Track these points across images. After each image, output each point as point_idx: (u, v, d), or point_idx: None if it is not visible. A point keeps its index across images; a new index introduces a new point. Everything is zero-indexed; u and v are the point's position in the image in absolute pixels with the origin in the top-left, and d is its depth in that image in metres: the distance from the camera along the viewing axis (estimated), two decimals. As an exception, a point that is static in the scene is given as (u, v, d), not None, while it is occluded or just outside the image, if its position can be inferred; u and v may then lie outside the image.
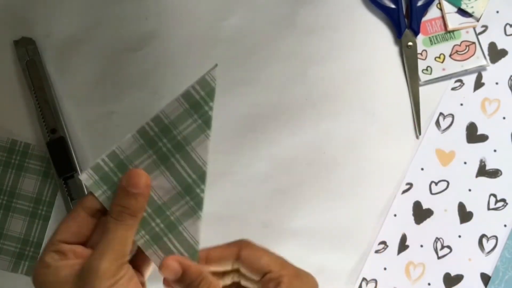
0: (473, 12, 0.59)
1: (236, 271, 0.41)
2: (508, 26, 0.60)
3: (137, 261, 0.42)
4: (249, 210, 0.57)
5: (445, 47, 0.59)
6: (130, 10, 0.60)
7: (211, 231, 0.42)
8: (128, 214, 0.37)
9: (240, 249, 0.40)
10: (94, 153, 0.58)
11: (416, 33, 0.59)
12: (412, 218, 0.57)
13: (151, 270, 0.43)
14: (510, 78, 0.59)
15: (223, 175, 0.57)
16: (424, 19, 0.60)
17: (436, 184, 0.57)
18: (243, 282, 0.41)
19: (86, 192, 0.56)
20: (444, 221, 0.57)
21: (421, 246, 0.56)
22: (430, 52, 0.59)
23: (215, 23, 0.60)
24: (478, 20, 0.60)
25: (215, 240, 0.42)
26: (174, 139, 0.40)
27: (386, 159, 0.58)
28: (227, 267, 0.41)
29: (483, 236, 0.56)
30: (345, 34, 0.60)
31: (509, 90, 0.59)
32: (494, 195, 0.57)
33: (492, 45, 0.59)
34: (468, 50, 0.59)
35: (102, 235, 0.37)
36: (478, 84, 0.59)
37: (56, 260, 0.37)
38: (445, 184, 0.57)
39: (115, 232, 0.37)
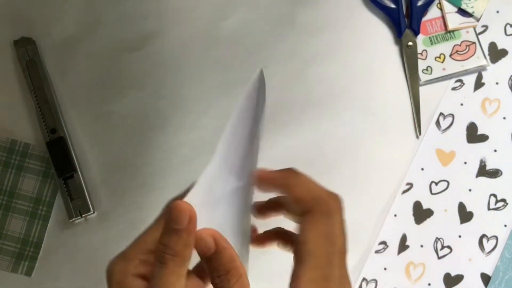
0: (473, 12, 0.59)
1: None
2: (508, 26, 0.60)
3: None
4: (249, 210, 0.57)
5: (445, 47, 0.59)
6: (130, 10, 0.60)
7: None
8: (170, 255, 0.33)
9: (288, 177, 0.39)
10: (94, 153, 0.58)
11: (416, 33, 0.59)
12: (412, 218, 0.57)
13: None
14: (510, 78, 0.59)
15: (223, 175, 0.57)
16: (424, 19, 0.60)
17: (436, 184, 0.57)
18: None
19: (86, 192, 0.56)
20: (444, 221, 0.57)
21: (421, 246, 0.56)
22: (430, 52, 0.59)
23: (215, 23, 0.60)
24: (478, 20, 0.60)
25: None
26: None
27: (386, 159, 0.58)
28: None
29: (483, 236, 0.56)
30: (345, 34, 0.60)
31: (509, 90, 0.59)
32: (494, 195, 0.57)
33: (492, 45, 0.59)
34: (468, 50, 0.59)
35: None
36: (478, 84, 0.59)
37: (136, 273, 0.34)
38: (445, 184, 0.57)
39: (160, 279, 0.33)
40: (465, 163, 0.58)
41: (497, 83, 0.59)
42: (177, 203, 0.33)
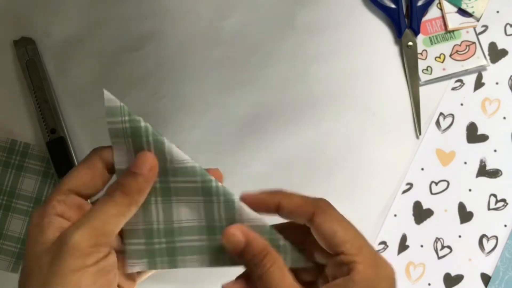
0: (473, 12, 0.59)
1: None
2: (508, 26, 0.60)
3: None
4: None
5: (445, 47, 0.59)
6: (130, 10, 0.60)
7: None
8: (120, 191, 0.34)
9: (315, 211, 0.36)
10: (94, 153, 0.58)
11: (416, 33, 0.59)
12: (412, 218, 0.57)
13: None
14: (510, 78, 0.59)
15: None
16: (424, 19, 0.60)
17: (436, 184, 0.57)
18: (316, 254, 0.38)
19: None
20: (444, 221, 0.57)
21: (421, 246, 0.56)
22: (430, 52, 0.59)
23: (215, 23, 0.60)
24: (478, 20, 0.60)
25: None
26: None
27: (386, 159, 0.58)
28: (299, 221, 0.37)
29: (483, 236, 0.56)
30: (345, 34, 0.60)
31: (509, 90, 0.59)
32: (494, 195, 0.57)
33: (493, 45, 0.59)
34: (468, 50, 0.59)
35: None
36: (478, 84, 0.59)
37: (54, 213, 0.34)
38: (445, 184, 0.57)
39: (100, 206, 0.34)
40: (465, 163, 0.58)
41: (497, 83, 0.59)
42: (145, 153, 0.36)
